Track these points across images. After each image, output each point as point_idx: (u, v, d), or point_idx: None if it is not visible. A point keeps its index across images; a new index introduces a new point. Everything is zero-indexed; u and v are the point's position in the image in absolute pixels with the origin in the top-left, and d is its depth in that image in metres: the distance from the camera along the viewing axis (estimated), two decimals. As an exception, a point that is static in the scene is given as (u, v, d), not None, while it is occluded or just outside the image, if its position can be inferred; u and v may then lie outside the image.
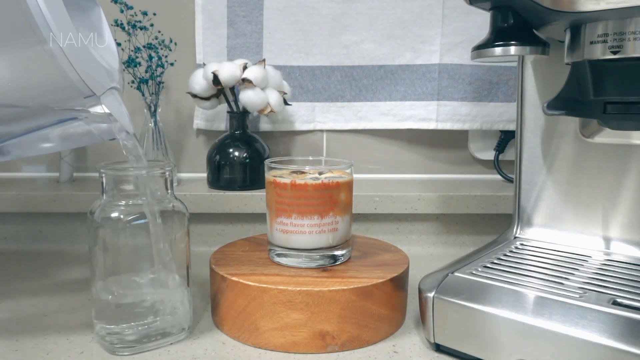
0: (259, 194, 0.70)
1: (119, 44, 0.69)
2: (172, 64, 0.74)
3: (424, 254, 0.71)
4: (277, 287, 0.42)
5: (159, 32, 0.73)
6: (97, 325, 0.42)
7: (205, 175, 0.77)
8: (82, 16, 0.41)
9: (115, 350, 0.42)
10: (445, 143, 0.83)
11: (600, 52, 0.38)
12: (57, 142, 0.41)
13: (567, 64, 0.42)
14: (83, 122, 0.39)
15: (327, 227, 0.46)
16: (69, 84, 0.34)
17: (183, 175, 0.84)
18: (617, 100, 0.39)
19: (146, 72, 0.71)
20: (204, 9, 0.79)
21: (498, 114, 0.79)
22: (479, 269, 0.44)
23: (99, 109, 0.37)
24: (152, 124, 0.73)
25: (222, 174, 0.74)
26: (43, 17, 0.31)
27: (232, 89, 0.73)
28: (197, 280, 0.56)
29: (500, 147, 0.80)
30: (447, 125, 0.79)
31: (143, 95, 0.72)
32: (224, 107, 0.77)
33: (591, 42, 0.39)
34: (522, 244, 0.51)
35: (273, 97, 0.71)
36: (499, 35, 0.44)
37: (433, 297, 0.41)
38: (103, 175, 0.41)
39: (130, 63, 0.70)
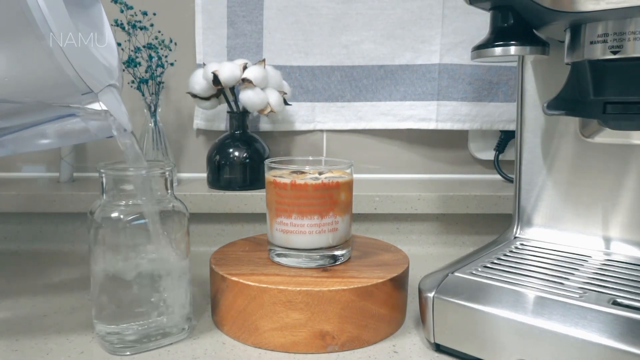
0: (259, 194, 0.70)
1: (118, 44, 0.69)
2: (172, 64, 0.74)
3: (424, 254, 0.71)
4: (277, 287, 0.42)
5: (159, 32, 0.73)
6: (97, 325, 0.42)
7: (205, 175, 0.77)
8: (83, 13, 0.41)
9: (115, 350, 0.42)
10: (445, 143, 0.83)
11: (600, 52, 0.38)
12: (54, 139, 0.41)
13: (567, 64, 0.42)
14: (80, 119, 0.39)
15: (327, 227, 0.46)
16: (66, 80, 0.34)
17: (183, 175, 0.84)
18: (617, 100, 0.39)
19: (146, 72, 0.71)
20: (204, 9, 0.79)
21: (498, 114, 0.79)
22: (479, 269, 0.44)
23: (97, 106, 0.37)
24: (152, 124, 0.73)
25: (222, 174, 0.73)
26: (41, 13, 0.31)
27: (232, 89, 0.73)
28: (197, 280, 0.56)
29: (500, 147, 0.80)
30: (447, 125, 0.79)
31: (143, 95, 0.72)
32: (224, 107, 0.77)
33: (591, 42, 0.39)
34: (522, 244, 0.51)
35: (273, 97, 0.71)
36: (499, 35, 0.44)
37: (433, 297, 0.41)
38: (103, 175, 0.41)
39: (130, 63, 0.70)
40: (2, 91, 0.34)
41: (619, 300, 0.37)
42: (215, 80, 0.69)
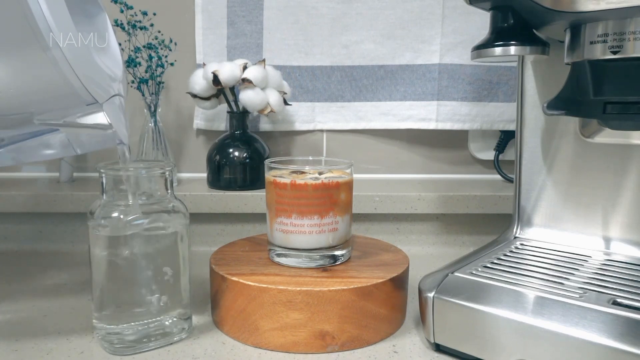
0: (259, 194, 0.70)
1: (118, 44, 0.69)
2: (172, 64, 0.74)
3: (424, 254, 0.71)
4: (277, 287, 0.42)
5: (159, 32, 0.73)
6: (97, 325, 0.42)
7: (205, 175, 0.77)
8: (87, 22, 0.41)
9: (115, 350, 0.42)
10: (445, 143, 0.83)
11: (600, 52, 0.38)
12: (58, 149, 0.41)
13: (567, 64, 0.42)
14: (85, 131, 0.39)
15: (327, 227, 0.46)
16: (71, 91, 0.34)
17: (183, 175, 0.84)
18: (617, 100, 0.39)
19: (146, 72, 0.71)
20: (204, 9, 0.79)
21: (498, 114, 0.79)
22: (479, 269, 0.44)
23: (100, 117, 0.37)
24: (152, 124, 0.73)
25: (222, 174, 0.73)
26: (46, 23, 0.30)
27: (232, 89, 0.73)
28: (197, 280, 0.56)
29: (500, 147, 0.80)
30: (447, 125, 0.79)
31: (143, 95, 0.72)
32: (224, 107, 0.77)
33: (591, 42, 0.39)
34: (522, 244, 0.51)
35: (273, 97, 0.71)
36: (499, 35, 0.44)
37: (433, 297, 0.41)
38: (103, 175, 0.41)
39: (130, 63, 0.70)
40: (7, 102, 0.34)
41: (619, 300, 0.37)
42: (215, 80, 0.69)
